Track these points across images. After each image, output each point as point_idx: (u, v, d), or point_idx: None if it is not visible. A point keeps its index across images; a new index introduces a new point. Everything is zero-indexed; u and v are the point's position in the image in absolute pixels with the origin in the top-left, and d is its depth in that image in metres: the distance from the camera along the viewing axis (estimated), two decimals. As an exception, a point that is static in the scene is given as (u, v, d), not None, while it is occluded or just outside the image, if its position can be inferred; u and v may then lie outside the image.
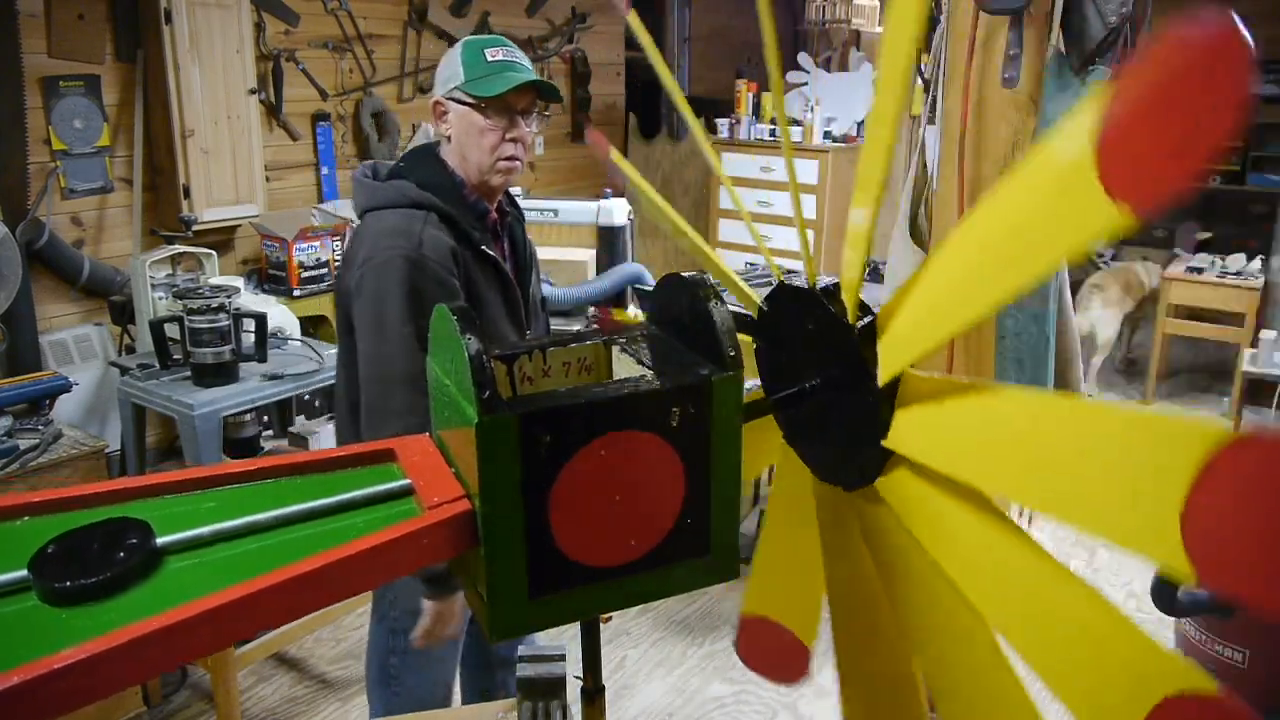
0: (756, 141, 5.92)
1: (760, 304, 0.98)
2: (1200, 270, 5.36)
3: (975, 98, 2.21)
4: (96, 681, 0.60)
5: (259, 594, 0.67)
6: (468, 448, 0.77)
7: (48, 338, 3.68)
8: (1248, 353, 4.41)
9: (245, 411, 3.04)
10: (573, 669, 1.13)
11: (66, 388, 3.00)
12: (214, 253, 3.38)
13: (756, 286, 1.03)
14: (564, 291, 3.34)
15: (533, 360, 0.96)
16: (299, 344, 3.29)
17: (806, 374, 0.91)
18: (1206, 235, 6.74)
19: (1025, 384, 2.36)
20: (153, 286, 3.26)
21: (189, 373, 2.89)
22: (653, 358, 0.95)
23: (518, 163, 1.74)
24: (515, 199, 1.94)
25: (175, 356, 2.92)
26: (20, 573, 0.69)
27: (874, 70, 5.71)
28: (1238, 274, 5.25)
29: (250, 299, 3.41)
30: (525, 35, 5.73)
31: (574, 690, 1.08)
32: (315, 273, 4.06)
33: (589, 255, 3.85)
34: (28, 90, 3.55)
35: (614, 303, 3.59)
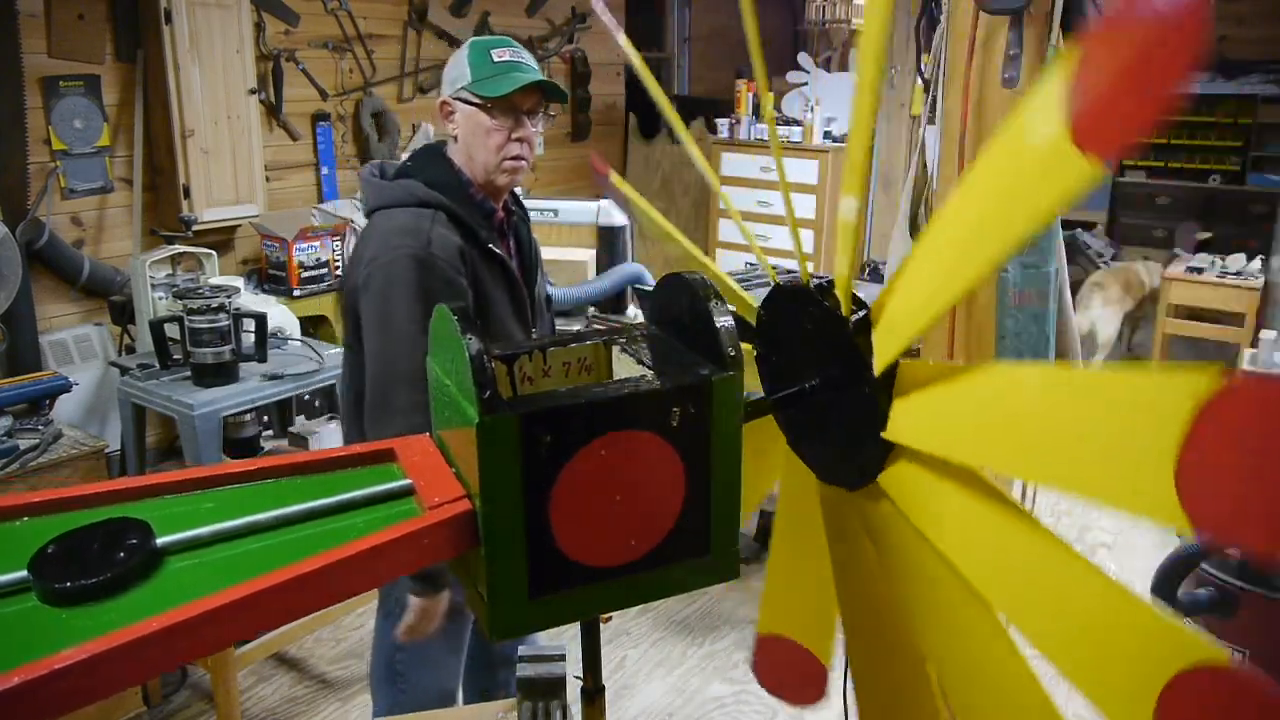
0: (756, 141, 5.91)
1: (758, 309, 0.98)
2: (1200, 270, 5.36)
3: (975, 98, 2.21)
4: (97, 682, 0.60)
5: (259, 594, 0.67)
6: (468, 448, 0.77)
7: (48, 338, 3.68)
8: (1248, 353, 4.41)
9: (245, 411, 3.04)
10: (573, 669, 1.13)
11: (66, 388, 3.00)
12: (214, 253, 3.38)
13: (756, 288, 1.03)
14: (564, 291, 3.34)
15: (533, 360, 0.97)
16: (299, 344, 3.29)
17: (806, 374, 0.91)
18: (1206, 235, 6.75)
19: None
20: (153, 286, 3.26)
21: (189, 373, 2.89)
22: (653, 358, 0.95)
23: (524, 162, 1.75)
24: (520, 199, 1.94)
25: (175, 356, 2.92)
26: (20, 573, 0.69)
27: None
28: (1238, 274, 5.25)
29: (250, 299, 3.41)
30: (525, 35, 5.73)
31: (574, 690, 1.08)
32: (315, 273, 4.06)
33: (589, 255, 3.84)
34: (28, 90, 3.55)
35: (614, 303, 3.58)
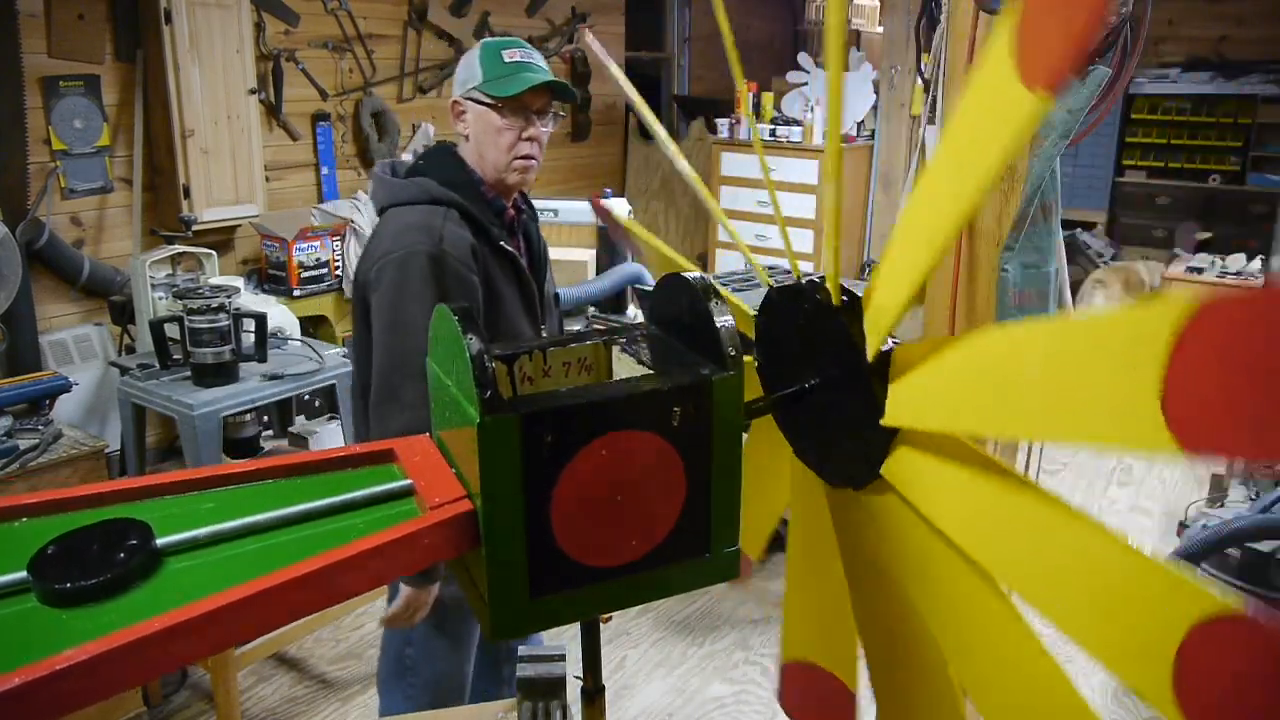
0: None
1: (755, 317, 0.99)
2: (1200, 270, 5.36)
3: (975, 97, 2.20)
4: (97, 683, 0.60)
5: (259, 595, 0.66)
6: (469, 448, 0.77)
7: (48, 338, 3.68)
8: (1248, 352, 4.40)
9: (245, 411, 3.04)
10: (573, 669, 1.13)
11: (66, 388, 3.00)
12: (214, 253, 3.38)
13: (756, 288, 1.04)
14: (564, 291, 3.34)
15: (532, 360, 0.96)
16: (299, 344, 3.29)
17: (805, 374, 0.92)
18: (1206, 235, 6.74)
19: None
20: (153, 286, 3.26)
21: (189, 373, 2.89)
22: (653, 358, 0.95)
23: (534, 161, 1.78)
24: (529, 198, 1.97)
25: (175, 356, 2.92)
26: (20, 574, 0.69)
27: (874, 70, 5.71)
28: (1238, 274, 5.25)
29: (250, 299, 3.41)
30: (525, 35, 5.72)
31: (574, 690, 1.08)
32: (315, 273, 4.06)
33: (589, 255, 3.85)
34: (28, 90, 3.55)
35: (614, 303, 3.59)
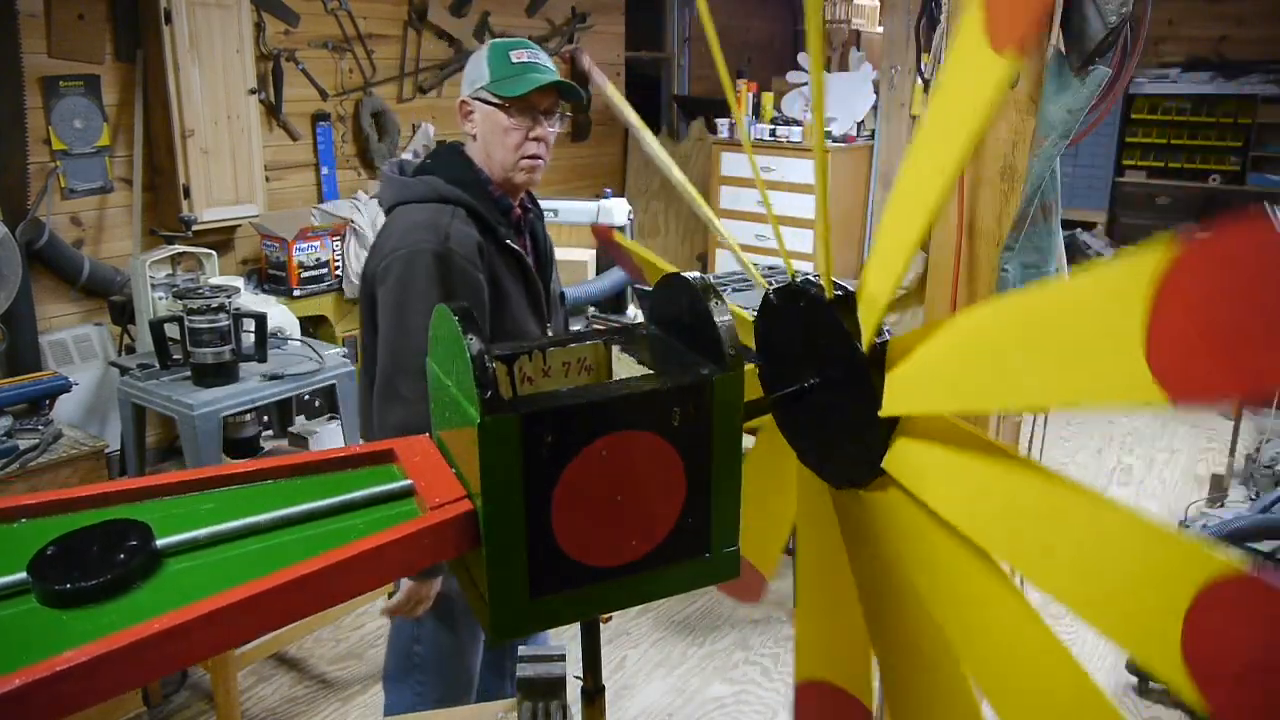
0: (756, 141, 5.92)
1: (754, 321, 0.99)
2: (1200, 270, 5.36)
3: (975, 97, 2.20)
4: (97, 685, 0.60)
5: (260, 596, 0.66)
6: (469, 448, 0.77)
7: (48, 338, 3.67)
8: (1248, 352, 4.41)
9: (245, 411, 3.03)
10: (573, 669, 1.13)
11: (66, 388, 3.00)
12: (214, 253, 3.38)
13: (755, 288, 1.04)
14: (566, 291, 3.35)
15: (532, 360, 0.96)
16: (299, 344, 3.29)
17: (805, 374, 0.92)
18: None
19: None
20: (153, 286, 3.26)
21: (189, 373, 2.89)
22: (653, 358, 0.95)
23: (540, 161, 1.79)
24: (535, 197, 1.98)
25: (175, 356, 2.92)
26: (19, 575, 0.69)
27: (874, 70, 5.71)
28: (1238, 273, 5.25)
29: (250, 299, 3.41)
30: (525, 35, 5.72)
31: (574, 690, 1.08)
32: (315, 273, 4.05)
33: (589, 255, 3.85)
34: (28, 90, 3.55)
35: (614, 303, 3.59)
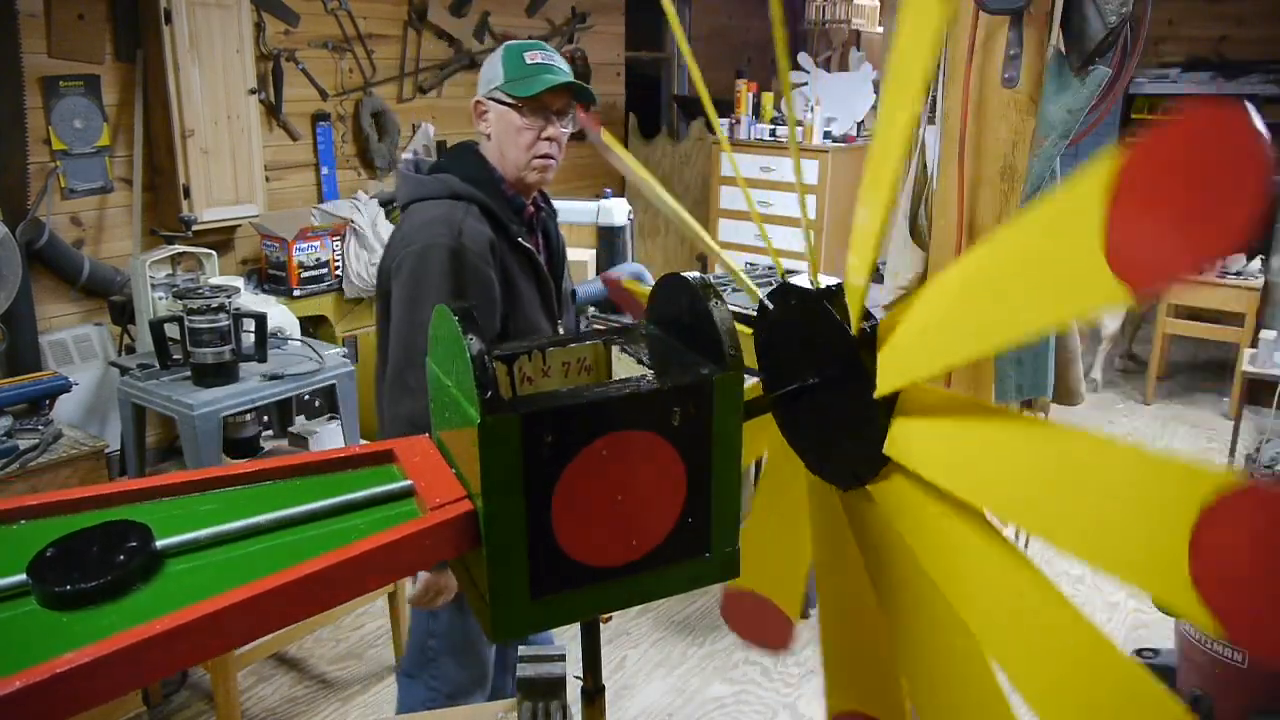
0: (756, 141, 5.91)
1: (763, 300, 0.98)
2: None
3: (975, 98, 2.21)
4: (97, 686, 0.60)
5: (260, 597, 0.66)
6: (470, 448, 0.77)
7: (48, 338, 3.67)
8: (1248, 353, 4.41)
9: (245, 411, 3.03)
10: (573, 669, 1.13)
11: (66, 388, 3.00)
12: (214, 253, 3.38)
13: (759, 286, 1.03)
14: (565, 291, 3.34)
15: (532, 360, 0.96)
16: (299, 344, 3.29)
17: (806, 372, 0.91)
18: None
19: (1025, 383, 2.36)
20: (153, 286, 3.26)
21: (189, 373, 2.89)
22: (653, 357, 0.95)
23: (552, 161, 1.82)
24: (548, 196, 2.01)
25: (175, 356, 2.92)
26: (19, 577, 0.69)
27: (874, 71, 5.71)
28: (1238, 274, 5.25)
29: (250, 299, 3.41)
30: (525, 35, 5.73)
31: (574, 690, 1.08)
32: (315, 273, 4.05)
33: (589, 255, 3.85)
34: (28, 90, 3.55)
35: (614, 303, 3.58)
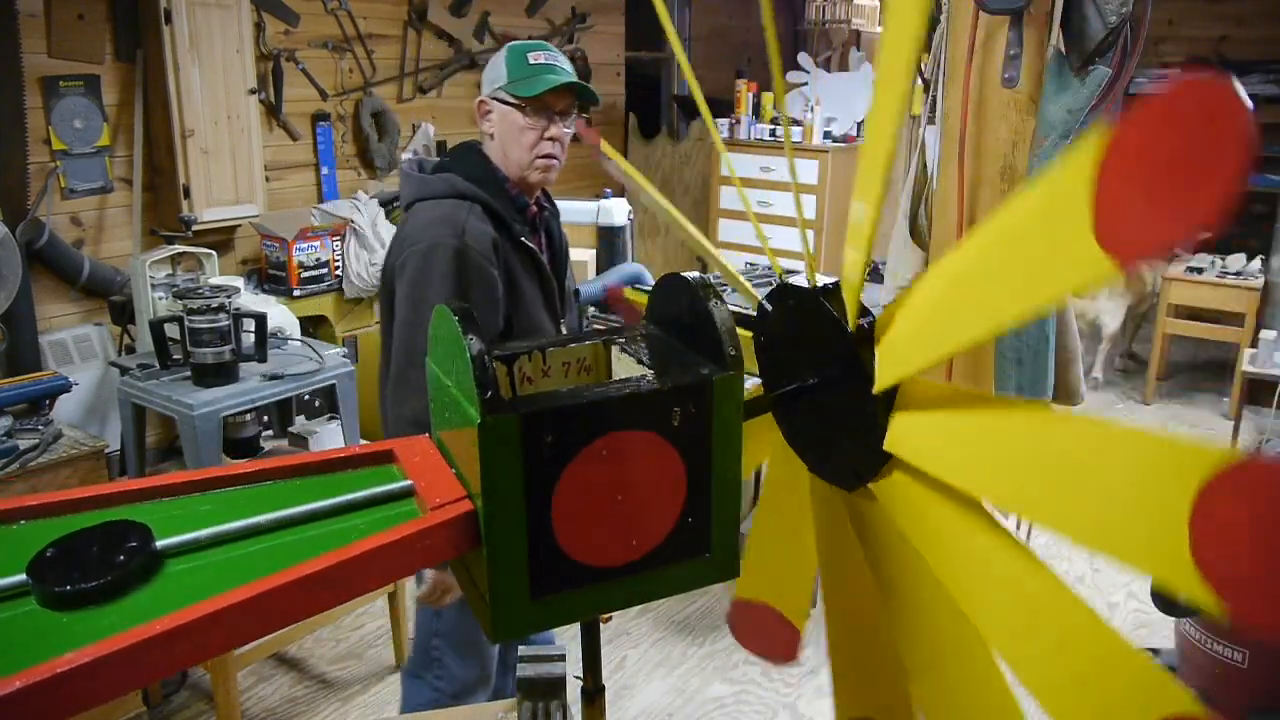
0: (756, 141, 5.91)
1: (762, 300, 0.98)
2: (1200, 270, 5.35)
3: (975, 98, 2.21)
4: (97, 686, 0.60)
5: (260, 597, 0.66)
6: (470, 448, 0.77)
7: (48, 338, 3.67)
8: (1248, 353, 4.41)
9: (245, 411, 3.03)
10: (573, 669, 1.13)
11: (66, 388, 3.00)
12: (214, 253, 3.38)
13: (756, 287, 1.03)
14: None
15: (532, 360, 0.96)
16: (299, 344, 3.29)
17: (805, 372, 0.91)
18: (1206, 235, 6.72)
19: (1025, 383, 2.36)
20: (153, 286, 3.25)
21: (189, 373, 2.88)
22: (652, 357, 0.95)
23: (555, 161, 1.82)
24: (551, 196, 2.01)
25: (175, 356, 2.92)
26: (19, 577, 0.69)
27: (874, 70, 5.71)
28: (1238, 274, 5.25)
29: (250, 299, 3.41)
30: (525, 35, 5.73)
31: (574, 690, 1.08)
32: (315, 273, 4.05)
33: (589, 255, 3.85)
34: (28, 90, 3.55)
35: (614, 303, 3.58)
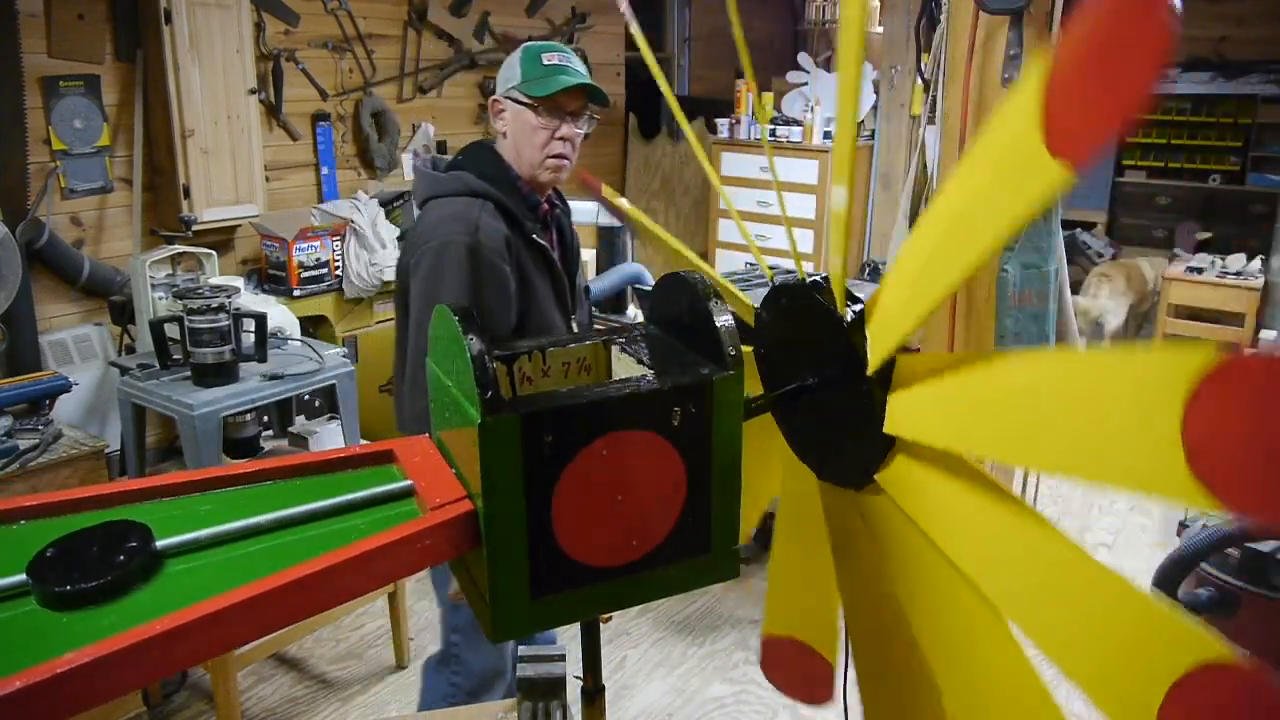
0: (756, 141, 5.91)
1: (757, 310, 0.98)
2: (1200, 270, 5.35)
3: (975, 98, 2.21)
4: (97, 687, 0.60)
5: (260, 597, 0.66)
6: (470, 448, 0.77)
7: (48, 338, 3.67)
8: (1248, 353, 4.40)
9: (245, 411, 3.03)
10: (573, 669, 1.13)
11: (66, 388, 3.00)
12: (214, 253, 3.37)
13: (755, 288, 1.03)
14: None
15: (532, 360, 0.96)
16: (299, 344, 3.29)
17: (804, 373, 0.91)
18: (1206, 235, 6.73)
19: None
20: (153, 286, 3.25)
21: (189, 373, 2.88)
22: (652, 358, 0.95)
23: (566, 161, 1.85)
24: (563, 194, 2.02)
25: (175, 356, 2.92)
26: (19, 577, 0.69)
27: (874, 70, 5.71)
28: (1238, 274, 5.25)
29: (250, 299, 3.41)
30: (525, 35, 5.72)
31: (574, 690, 1.08)
32: (315, 273, 4.05)
33: (589, 255, 3.85)
34: (28, 90, 3.55)
35: (614, 303, 3.58)
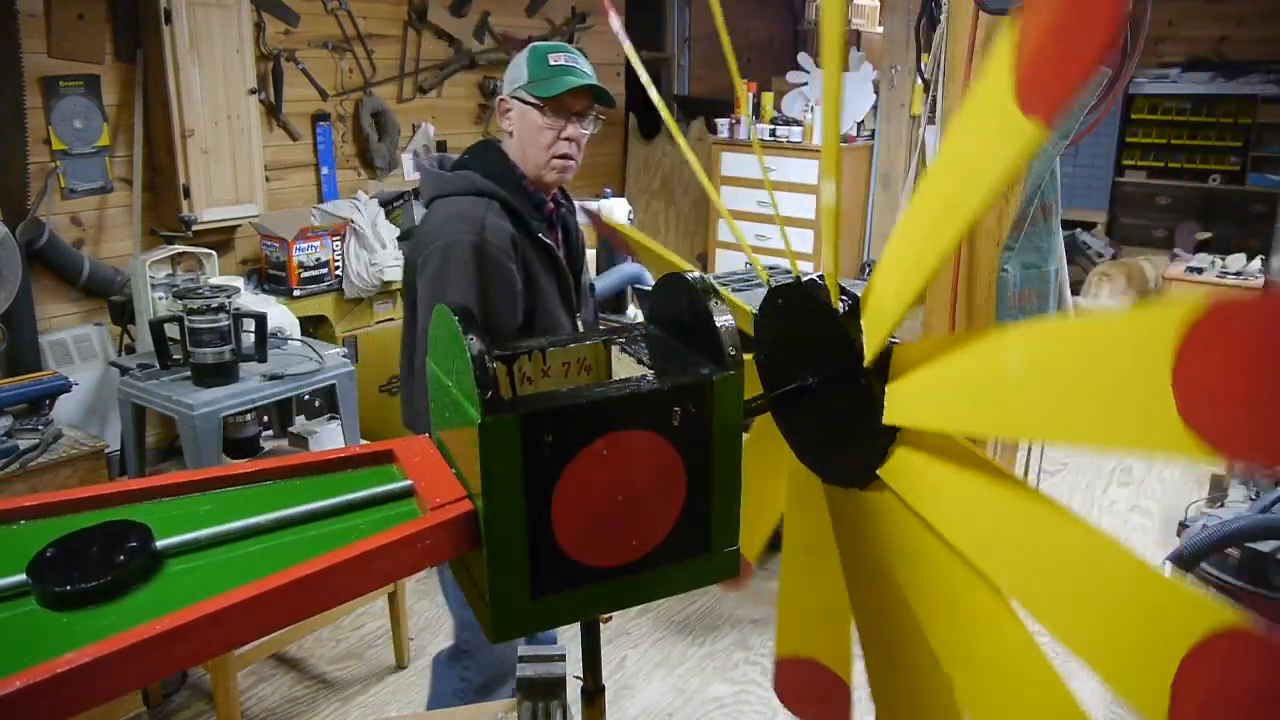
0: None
1: (755, 314, 0.99)
2: (1200, 270, 5.35)
3: (975, 97, 2.20)
4: (97, 686, 0.60)
5: (260, 597, 0.66)
6: (470, 448, 0.77)
7: (48, 338, 3.67)
8: (1248, 352, 4.40)
9: (245, 411, 3.03)
10: (573, 669, 1.13)
11: (66, 388, 3.00)
12: (214, 253, 3.37)
13: (755, 288, 1.04)
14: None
15: (532, 360, 0.97)
16: (299, 344, 3.28)
17: (805, 373, 0.92)
18: (1206, 235, 6.73)
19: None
20: (153, 286, 3.25)
21: (189, 373, 2.88)
22: (652, 358, 0.95)
23: (571, 161, 1.86)
24: (568, 193, 2.04)
25: (175, 356, 2.92)
26: (19, 577, 0.69)
27: (874, 70, 5.71)
28: (1238, 274, 5.25)
29: (250, 299, 3.41)
30: (525, 35, 5.72)
31: (574, 690, 1.08)
32: (315, 273, 4.05)
33: (589, 255, 3.84)
34: (28, 90, 3.55)
35: (614, 303, 3.58)
